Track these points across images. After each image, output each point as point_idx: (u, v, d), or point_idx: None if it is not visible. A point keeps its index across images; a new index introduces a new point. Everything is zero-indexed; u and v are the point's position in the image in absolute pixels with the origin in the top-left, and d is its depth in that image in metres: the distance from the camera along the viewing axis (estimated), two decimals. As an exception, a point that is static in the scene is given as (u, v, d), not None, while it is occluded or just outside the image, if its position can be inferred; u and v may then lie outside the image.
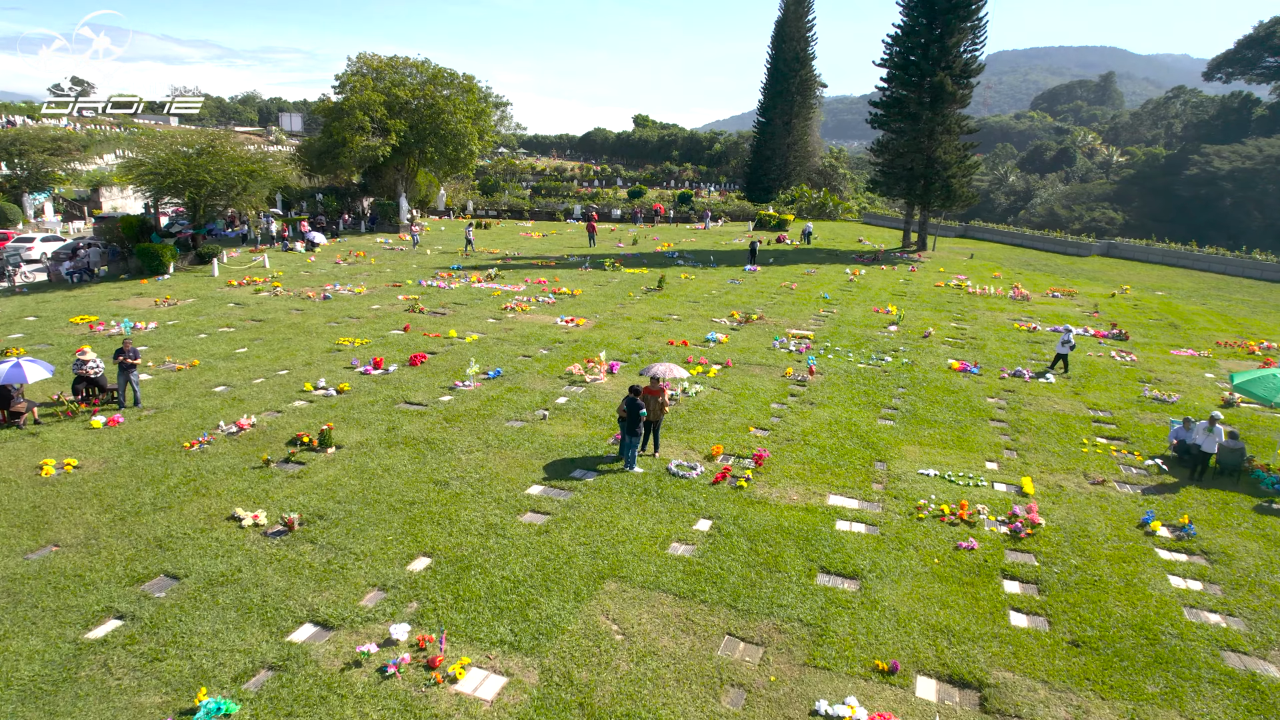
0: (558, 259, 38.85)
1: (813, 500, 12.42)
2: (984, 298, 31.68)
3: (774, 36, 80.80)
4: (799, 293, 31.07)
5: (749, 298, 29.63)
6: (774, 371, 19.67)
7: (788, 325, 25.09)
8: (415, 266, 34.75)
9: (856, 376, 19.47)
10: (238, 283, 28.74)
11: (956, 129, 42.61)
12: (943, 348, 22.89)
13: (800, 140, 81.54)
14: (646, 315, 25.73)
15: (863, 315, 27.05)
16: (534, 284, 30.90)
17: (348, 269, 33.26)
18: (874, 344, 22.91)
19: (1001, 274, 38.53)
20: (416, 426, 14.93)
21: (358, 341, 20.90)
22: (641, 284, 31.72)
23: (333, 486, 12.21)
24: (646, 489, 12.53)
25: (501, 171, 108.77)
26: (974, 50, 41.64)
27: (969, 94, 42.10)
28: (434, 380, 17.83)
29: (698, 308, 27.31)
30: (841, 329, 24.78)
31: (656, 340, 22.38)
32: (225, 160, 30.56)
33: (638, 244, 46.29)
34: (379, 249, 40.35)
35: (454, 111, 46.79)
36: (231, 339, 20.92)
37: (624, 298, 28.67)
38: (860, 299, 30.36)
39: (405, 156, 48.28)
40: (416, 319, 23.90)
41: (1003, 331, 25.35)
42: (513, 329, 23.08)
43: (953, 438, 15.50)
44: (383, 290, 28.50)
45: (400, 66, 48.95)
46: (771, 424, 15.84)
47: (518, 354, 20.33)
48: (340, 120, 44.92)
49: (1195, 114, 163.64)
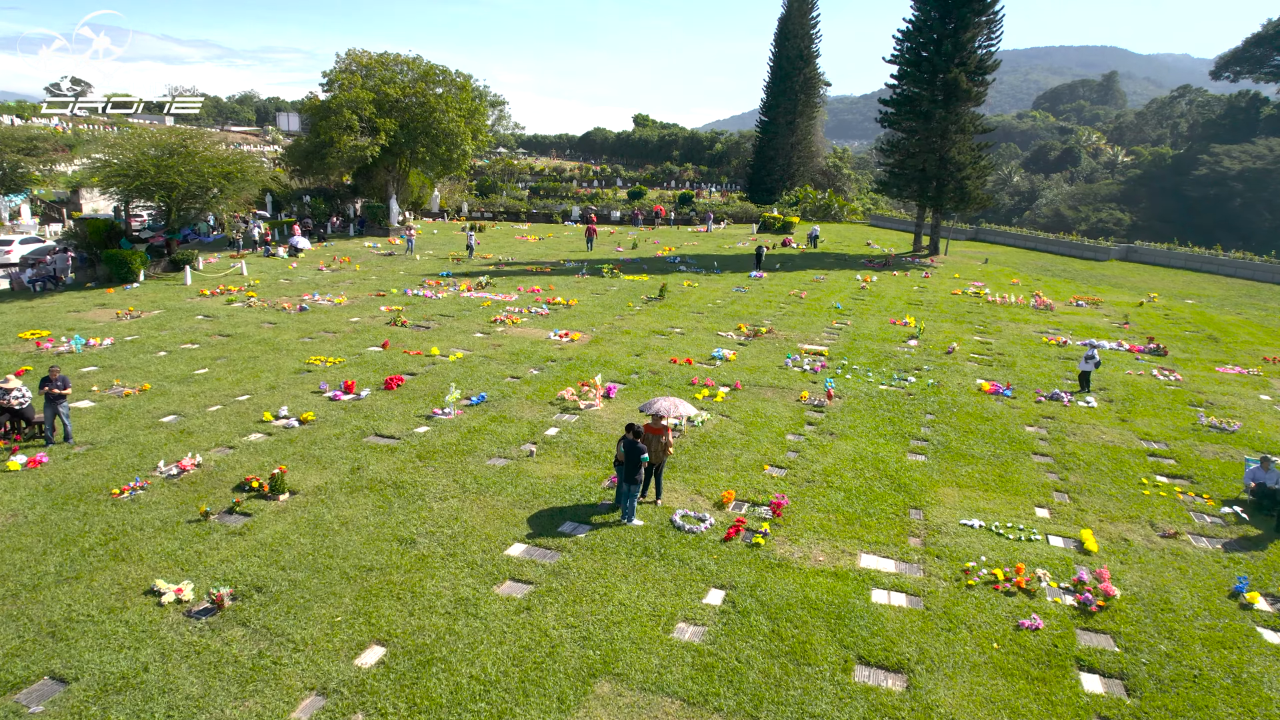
0: (554, 265, 37.03)
1: (842, 561, 10.60)
2: (1005, 307, 29.84)
3: (777, 34, 79.00)
4: (809, 302, 29.24)
5: (756, 308, 27.79)
6: (788, 395, 17.84)
7: (799, 340, 23.26)
8: (403, 273, 32.92)
9: (879, 400, 17.65)
10: (210, 292, 26.91)
11: (971, 128, 40.79)
12: (969, 365, 21.06)
13: (804, 140, 79.73)
14: (647, 328, 23.91)
15: (879, 328, 25.22)
16: (527, 293, 29.07)
17: (330, 276, 31.43)
18: (894, 361, 21.08)
19: (1020, 280, 36.71)
20: (385, 466, 13.11)
21: (330, 360, 19.07)
22: (642, 292, 29.91)
23: (279, 546, 10.38)
24: (647, 548, 10.71)
25: (499, 172, 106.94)
26: (989, 46, 39.81)
27: (984, 91, 40.29)
28: (410, 407, 16.00)
29: (702, 319, 25.49)
30: (858, 344, 22.95)
31: (658, 357, 20.55)
32: (198, 161, 28.72)
33: (638, 248, 44.48)
34: (367, 254, 38.52)
35: (446, 110, 44.95)
36: (193, 358, 19.09)
37: (623, 308, 26.84)
38: (875, 309, 28.53)
39: (396, 157, 46.46)
40: (397, 334, 22.08)
41: (1031, 346, 23.51)
42: (501, 345, 21.25)
43: (994, 477, 13.67)
44: (365, 301, 26.67)
45: (391, 63, 47.12)
46: (788, 460, 14.02)
47: (505, 375, 18.50)
48: (327, 119, 43.08)
49: (1201, 113, 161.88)
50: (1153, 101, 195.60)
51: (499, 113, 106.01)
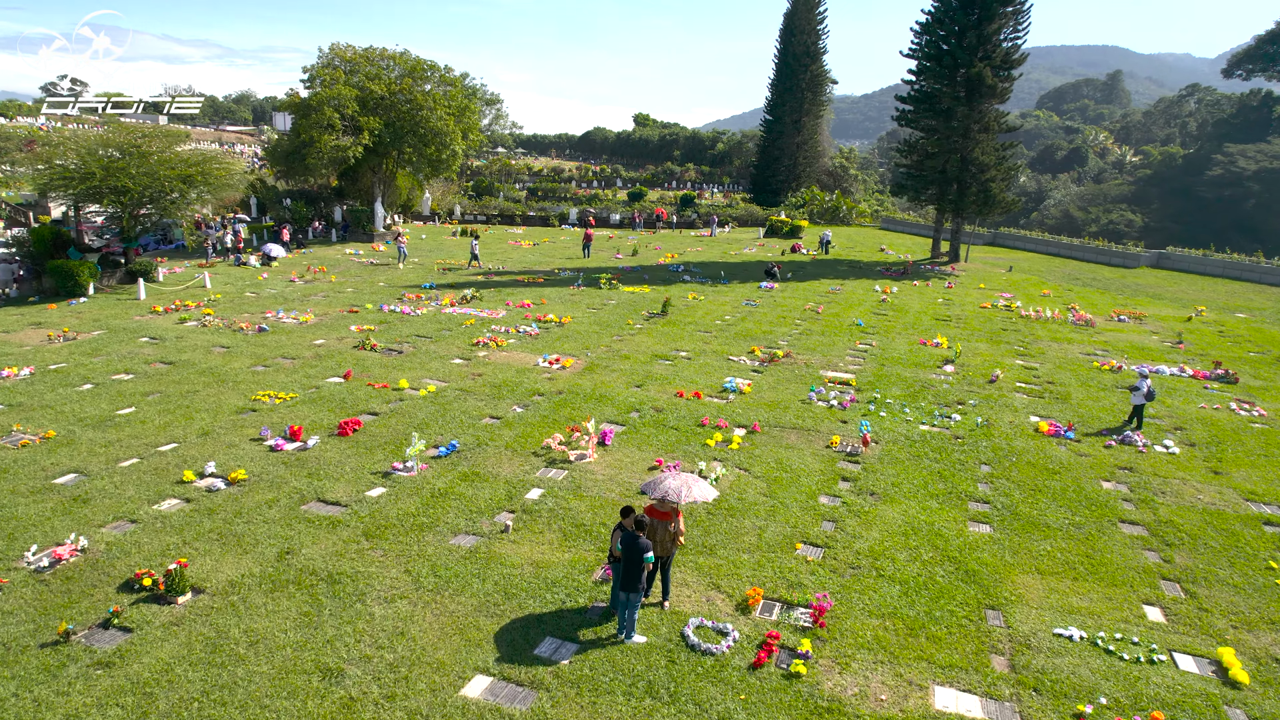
0: (547, 274, 34.34)
1: (913, 702, 7.93)
2: (1042, 323, 27.14)
3: (783, 30, 76.27)
4: (827, 318, 26.54)
5: (770, 325, 25.09)
6: (815, 439, 15.15)
7: (821, 365, 20.56)
8: (382, 285, 30.22)
9: (922, 446, 14.97)
10: (164, 309, 24.22)
11: (995, 126, 38.08)
12: (1017, 397, 18.37)
13: (810, 139, 77.05)
14: (649, 352, 21.21)
15: (909, 350, 22.53)
16: (516, 308, 26.37)
17: (302, 289, 28.72)
18: (932, 393, 18.39)
19: (1052, 291, 34.00)
20: (322, 549, 10.43)
21: (281, 396, 16.38)
22: (643, 307, 27.21)
23: (156, 687, 7.71)
24: (652, 683, 8.04)
25: (497, 172, 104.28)
26: (1016, 38, 37.09)
27: (1009, 88, 37.58)
28: (364, 461, 13.32)
29: (710, 340, 22.79)
30: (887, 370, 20.26)
31: (662, 389, 17.86)
32: (155, 163, 26.02)
33: (638, 254, 41.78)
34: (347, 262, 35.82)
35: (434, 107, 42.22)
36: (120, 393, 16.39)
37: (622, 326, 24.15)
38: (900, 326, 25.83)
39: (382, 158, 43.75)
40: (365, 360, 19.38)
41: (1082, 372, 20.81)
42: (482, 374, 18.55)
43: (1080, 558, 11.00)
44: (334, 319, 23.97)
45: (377, 58, 44.41)
46: (825, 535, 11.34)
47: (483, 414, 15.80)
48: (307, 118, 40.37)
49: (1211, 113, 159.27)
50: (1160, 100, 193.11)
51: (496, 111, 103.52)
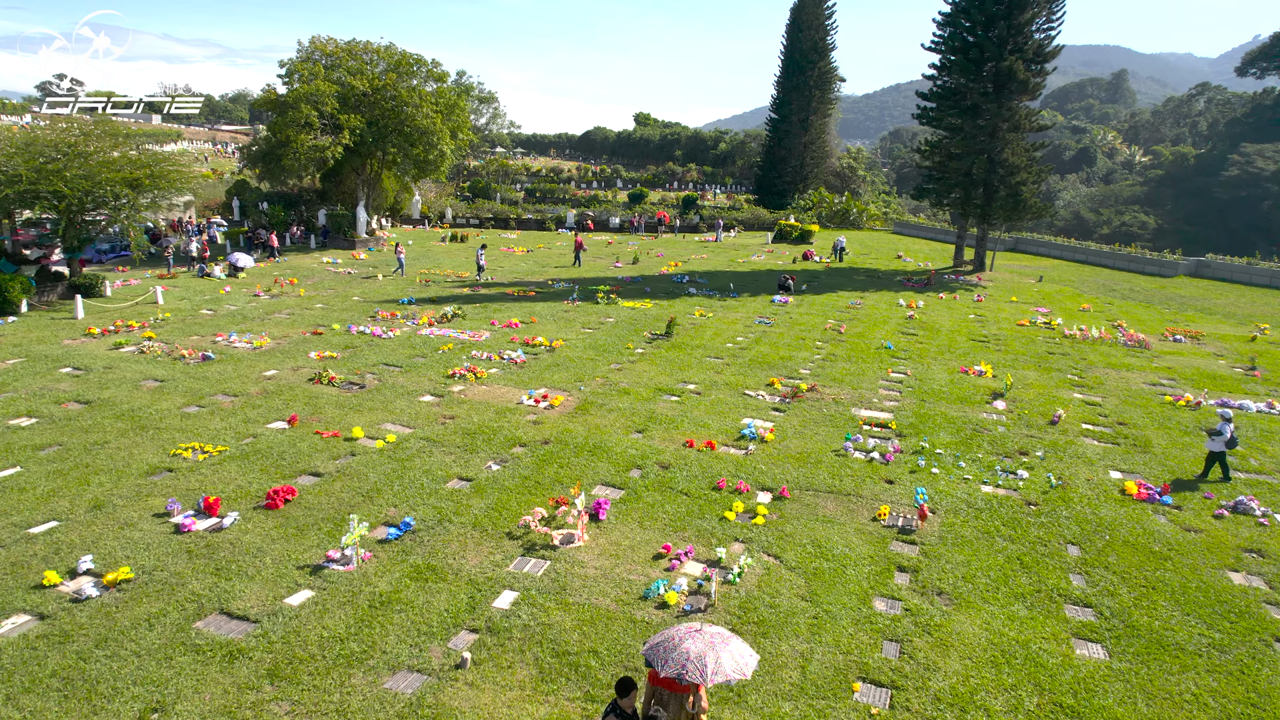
0: (540, 286, 31.48)
1: None
2: (1091, 345, 24.26)
3: (789, 24, 73.40)
4: (852, 340, 23.66)
5: (788, 349, 22.22)
6: (858, 507, 12.30)
7: (852, 400, 17.70)
8: (356, 299, 27.36)
9: (990, 516, 12.11)
10: (102, 330, 21.37)
11: (1026, 125, 35.19)
12: (1088, 444, 15.50)
13: (818, 139, 74.17)
14: (651, 384, 18.34)
15: (950, 380, 19.65)
16: (503, 329, 23.52)
17: (265, 305, 25.86)
18: (987, 439, 15.52)
19: (1091, 305, 31.10)
20: (203, 705, 7.56)
21: (208, 449, 13.52)
22: (644, 326, 24.35)
23: None
24: None
25: (494, 173, 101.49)
26: (1049, 29, 34.18)
27: (1041, 83, 34.71)
28: (292, 548, 10.46)
29: (722, 369, 19.91)
30: (929, 407, 17.39)
31: (668, 436, 15.01)
32: (95, 165, 23.19)
33: (639, 262, 38.94)
34: (322, 272, 32.95)
35: (420, 104, 39.35)
36: (10, 445, 13.53)
37: (620, 351, 21.28)
38: (933, 348, 22.96)
39: (364, 158, 40.89)
40: (318, 398, 16.52)
41: (1154, 410, 17.93)
42: (455, 417, 15.69)
43: (1242, 705, 8.13)
44: (293, 342, 21.11)
45: (360, 52, 41.58)
46: (889, 666, 8.47)
47: (450, 473, 12.94)
48: (284, 116, 37.55)
49: (1222, 112, 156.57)
50: (1169, 100, 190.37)
51: (493, 110, 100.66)
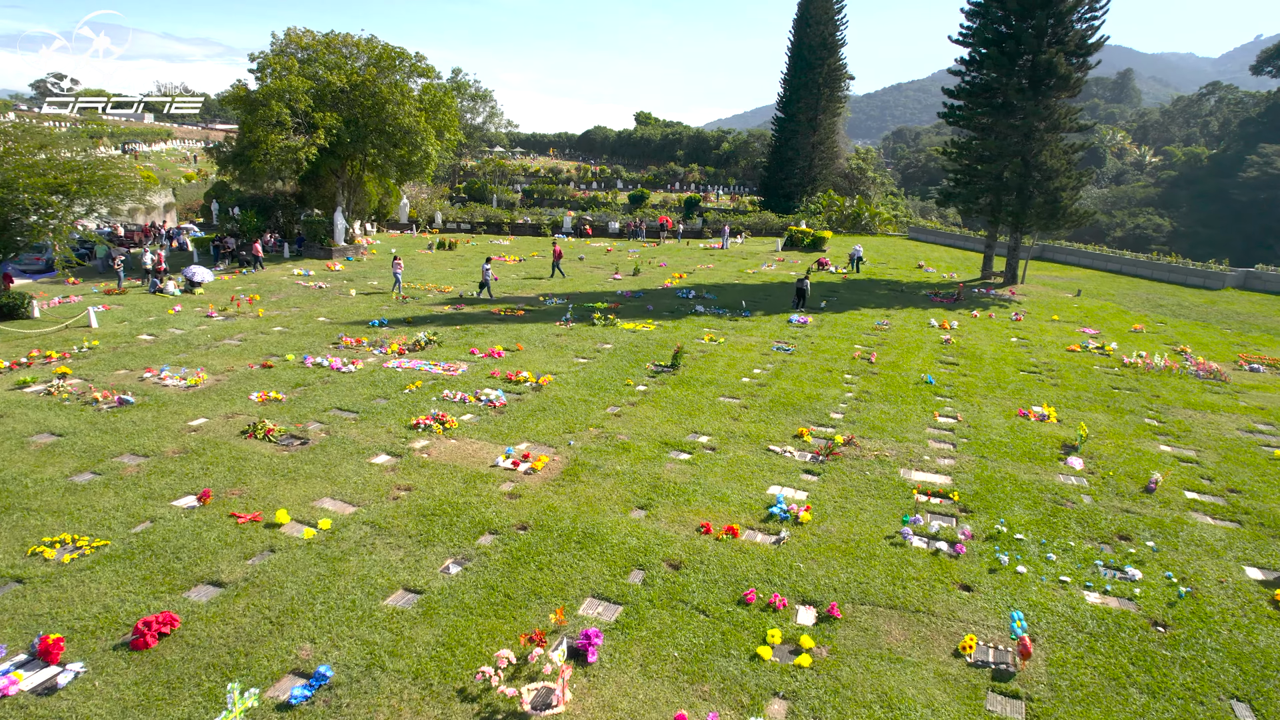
0: (530, 304, 28.39)
1: None
2: (1158, 376, 21.17)
3: (796, 20, 70.32)
4: (885, 371, 20.57)
5: (815, 384, 19.12)
6: (932, 635, 9.22)
7: (898, 456, 14.61)
8: (322, 321, 24.27)
9: (1113, 652, 9.03)
10: (11, 364, 18.28)
11: (1066, 124, 32.08)
12: (1202, 522, 12.41)
13: (827, 139, 71.11)
14: (656, 435, 15.27)
15: (1009, 427, 16.56)
16: (484, 358, 20.44)
17: (216, 328, 22.78)
18: (1072, 513, 12.45)
19: (1143, 325, 28.00)
20: None
21: (81, 545, 10.44)
22: (647, 354, 21.27)
23: None
24: None
25: (491, 173, 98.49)
26: (1092, 18, 31.05)
27: (1083, 78, 31.59)
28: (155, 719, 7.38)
29: (740, 414, 16.82)
30: (992, 465, 14.31)
31: (677, 515, 11.93)
32: (13, 169, 20.14)
33: (640, 274, 35.86)
34: (291, 287, 29.87)
35: (402, 102, 36.26)
36: None
37: (619, 389, 18.19)
38: (980, 382, 19.87)
39: (343, 160, 37.78)
40: (248, 459, 13.44)
41: (1263, 467, 14.81)
42: (412, 487, 12.61)
43: None
44: (237, 378, 18.02)
45: (339, 45, 38.49)
46: None
47: (394, 583, 9.86)
48: (253, 114, 34.49)
49: (1234, 111, 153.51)
50: (1178, 99, 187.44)
51: (489, 109, 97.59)
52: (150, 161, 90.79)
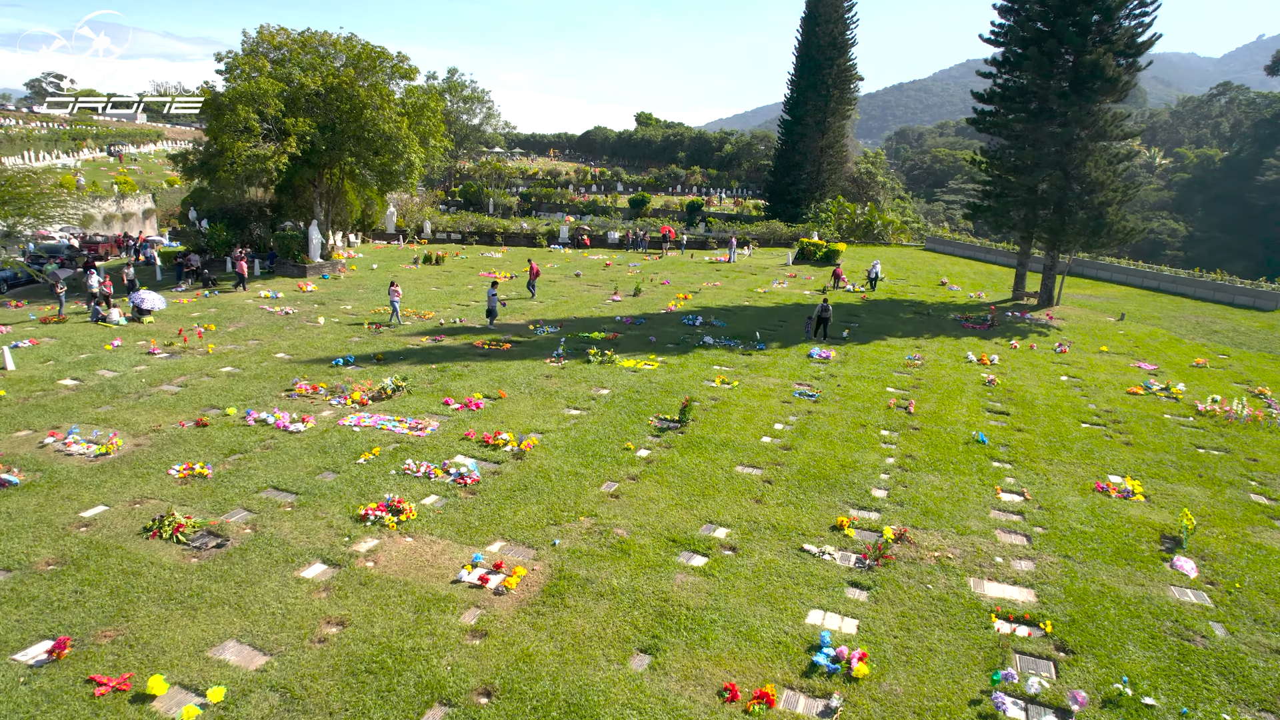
0: (519, 332, 25.45)
1: None
2: (1246, 430, 18.22)
3: (805, 18, 67.33)
4: (927, 424, 17.60)
5: (848, 447, 16.16)
6: None
7: (962, 559, 11.67)
8: (280, 358, 21.35)
9: None
10: (-105, 424, 15.37)
11: (1112, 131, 29.14)
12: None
13: (836, 143, 68.14)
14: (661, 528, 12.32)
15: (1089, 510, 13.62)
16: (458, 413, 17.50)
17: (156, 369, 19.85)
18: (1210, 658, 9.51)
19: (1205, 359, 25.05)
20: None
21: None
22: (650, 404, 18.32)
23: None
24: None
25: (487, 176, 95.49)
26: (1143, 14, 28.07)
27: (1131, 81, 28.65)
28: None
29: (764, 492, 13.87)
30: (1082, 574, 11.36)
31: (691, 665, 9.00)
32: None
33: (641, 294, 32.92)
34: (254, 312, 26.94)
35: (382, 106, 33.30)
36: None
37: (617, 455, 15.23)
38: (1039, 439, 16.92)
39: (319, 168, 34.84)
40: (141, 573, 10.51)
41: None
42: (347, 622, 9.68)
43: None
44: (161, 442, 15.09)
45: (315, 44, 35.55)
46: None
47: (295, 811, 6.93)
48: (219, 119, 31.56)
49: (1246, 113, 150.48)
50: (1187, 100, 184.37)
51: (486, 110, 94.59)
52: (136, 164, 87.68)
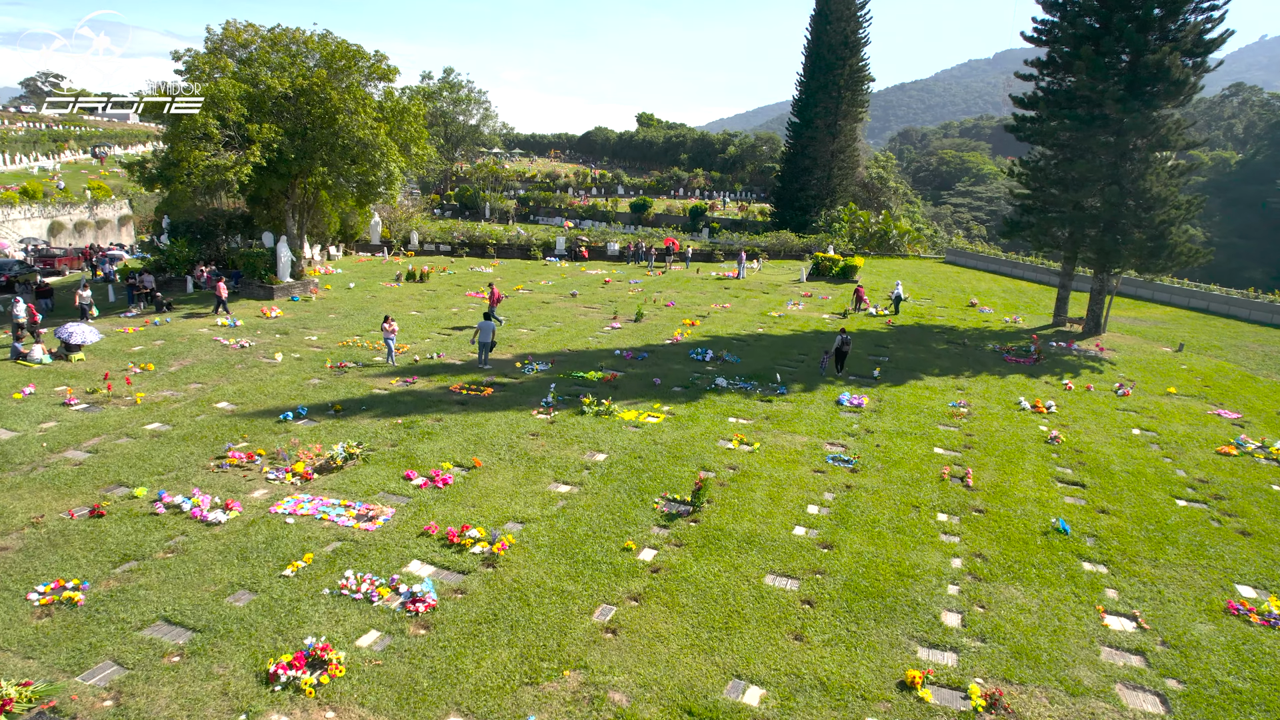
0: (505, 372, 22.28)
1: None
2: (1375, 509, 15.06)
3: (815, 16, 64.19)
4: (991, 503, 14.43)
5: (901, 542, 12.98)
6: None
7: (1089, 748, 8.52)
8: (222, 408, 18.19)
9: None
10: None
11: (1175, 141, 25.96)
12: None
13: (847, 147, 64.97)
14: (672, 691, 9.17)
15: (1228, 647, 10.47)
16: (419, 494, 14.33)
17: (66, 426, 16.71)
18: None
19: (1291, 404, 21.92)
20: None
21: None
22: (655, 478, 15.14)
23: None
24: None
25: (484, 179, 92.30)
26: (1212, 8, 24.88)
27: (1198, 84, 25.50)
28: None
29: (803, 624, 10.71)
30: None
31: None
32: None
33: (643, 319, 29.78)
34: (205, 344, 23.80)
35: (357, 111, 30.14)
36: None
37: (614, 567, 12.06)
38: (1130, 523, 13.77)
39: (288, 179, 31.68)
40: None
41: None
42: None
43: None
44: (32, 547, 11.94)
45: (286, 42, 32.43)
46: None
47: None
48: (176, 125, 28.46)
49: (1260, 114, 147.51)
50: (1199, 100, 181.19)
51: (483, 111, 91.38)
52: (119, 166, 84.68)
